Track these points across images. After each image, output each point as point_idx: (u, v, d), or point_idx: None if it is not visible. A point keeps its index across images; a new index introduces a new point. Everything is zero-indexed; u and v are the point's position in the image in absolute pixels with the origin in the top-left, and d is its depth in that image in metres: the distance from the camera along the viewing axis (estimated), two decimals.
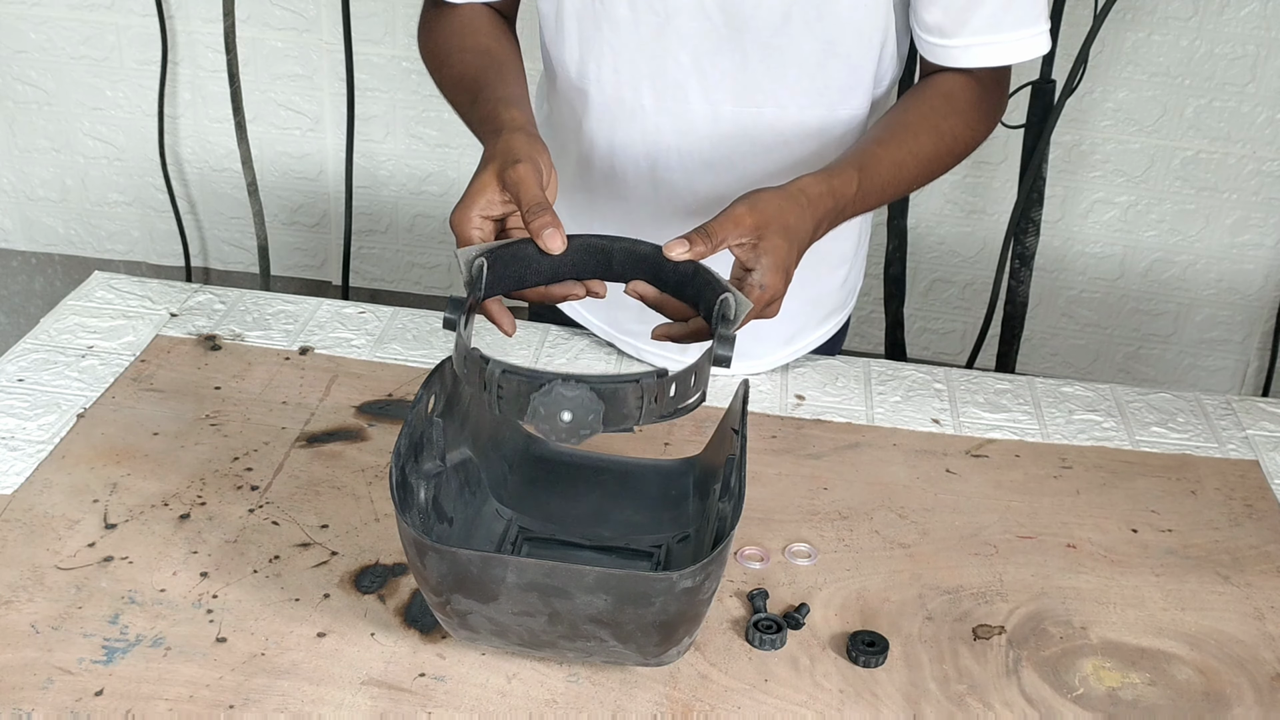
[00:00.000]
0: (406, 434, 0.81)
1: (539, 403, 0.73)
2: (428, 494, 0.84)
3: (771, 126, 1.06)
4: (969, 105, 1.05)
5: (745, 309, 0.83)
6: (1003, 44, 1.02)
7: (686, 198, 1.10)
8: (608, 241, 0.88)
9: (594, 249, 0.88)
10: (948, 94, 1.04)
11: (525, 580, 0.73)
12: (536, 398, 0.73)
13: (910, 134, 1.02)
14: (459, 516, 0.88)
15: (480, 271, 0.84)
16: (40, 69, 2.06)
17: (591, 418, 0.73)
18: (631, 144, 1.08)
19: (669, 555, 0.90)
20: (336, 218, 2.15)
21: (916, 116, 1.03)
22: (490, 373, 0.75)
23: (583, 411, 0.73)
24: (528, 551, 0.90)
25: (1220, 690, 0.85)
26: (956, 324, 2.12)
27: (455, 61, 1.04)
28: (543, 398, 0.73)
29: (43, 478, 0.96)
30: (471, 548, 0.85)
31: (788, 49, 1.01)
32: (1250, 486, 1.07)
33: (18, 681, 0.78)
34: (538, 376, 0.74)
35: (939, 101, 1.04)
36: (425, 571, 0.75)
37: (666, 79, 1.04)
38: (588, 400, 0.73)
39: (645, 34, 1.02)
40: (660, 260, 0.86)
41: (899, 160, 1.00)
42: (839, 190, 0.95)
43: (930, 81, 1.06)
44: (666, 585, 0.73)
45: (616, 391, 0.73)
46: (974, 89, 1.05)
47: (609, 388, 0.73)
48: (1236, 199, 1.94)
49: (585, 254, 0.88)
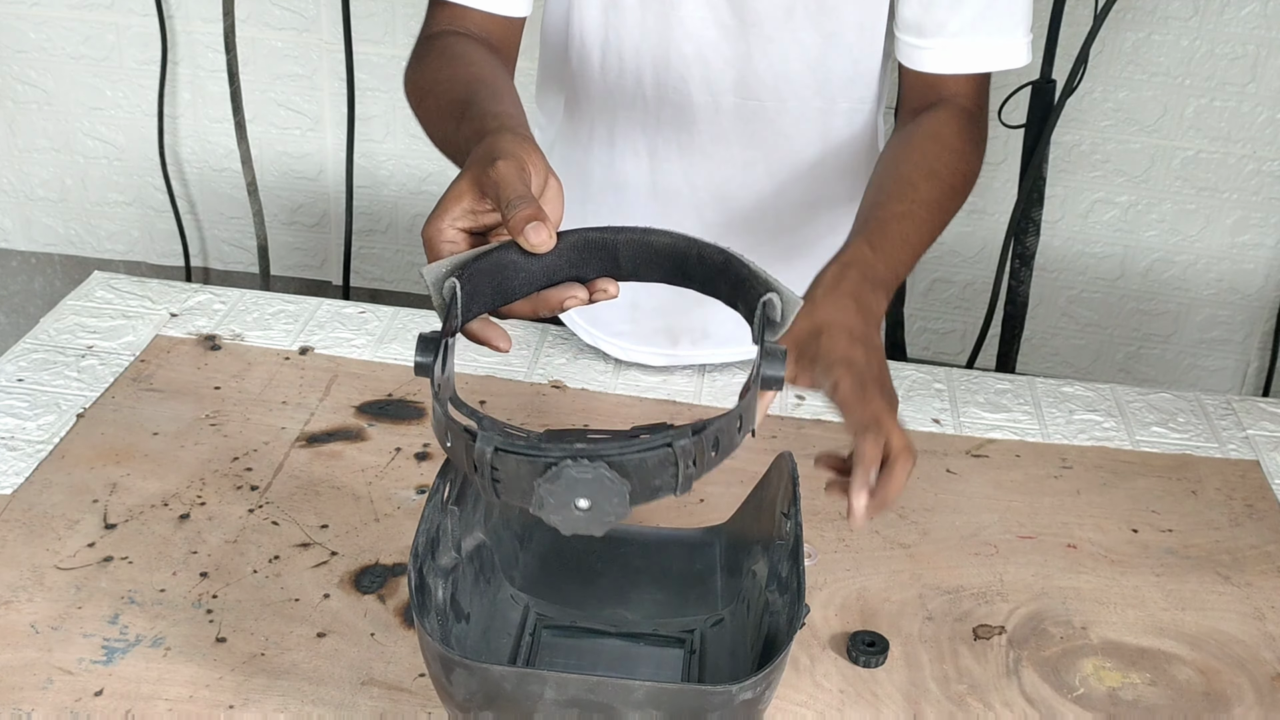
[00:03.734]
0: (424, 530, 0.73)
1: (545, 491, 0.58)
2: (445, 593, 0.76)
3: (772, 120, 1.06)
4: (957, 138, 1.01)
5: (795, 307, 0.68)
6: (980, 50, 1.00)
7: (685, 191, 1.10)
8: (610, 234, 0.72)
9: (594, 244, 0.72)
10: (934, 134, 1.01)
11: (566, 696, 0.65)
12: (542, 484, 0.58)
13: (909, 186, 0.96)
14: (476, 610, 0.80)
15: (453, 295, 0.68)
16: (40, 69, 2.06)
17: (615, 501, 0.59)
18: (631, 135, 1.08)
19: (704, 644, 0.82)
20: (336, 218, 2.14)
21: (909, 168, 0.98)
22: (480, 453, 0.60)
23: (603, 495, 0.58)
24: (547, 641, 0.82)
25: (1221, 690, 0.85)
26: (956, 324, 2.12)
27: (441, 91, 0.90)
28: (549, 484, 0.58)
29: (42, 478, 0.96)
30: (491, 645, 0.79)
31: (790, 42, 1.01)
32: (1251, 486, 1.07)
33: (17, 681, 0.78)
34: (540, 453, 0.58)
35: (928, 144, 1.00)
36: (451, 688, 0.67)
37: (669, 70, 1.04)
38: (607, 481, 0.58)
39: (650, 24, 1.02)
40: (682, 253, 0.71)
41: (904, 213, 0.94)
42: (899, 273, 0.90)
43: (913, 128, 1.02)
44: (724, 699, 0.65)
45: (643, 462, 0.59)
46: (956, 123, 1.02)
47: (633, 459, 0.58)
48: (1237, 199, 1.94)
49: (583, 251, 0.72)
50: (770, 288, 0.67)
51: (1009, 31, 1.00)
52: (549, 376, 1.15)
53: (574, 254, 0.72)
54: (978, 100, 1.05)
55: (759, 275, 0.68)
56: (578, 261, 0.73)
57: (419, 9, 1.13)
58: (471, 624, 0.80)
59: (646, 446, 0.58)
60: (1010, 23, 1.00)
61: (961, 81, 1.03)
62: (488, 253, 0.71)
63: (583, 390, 1.13)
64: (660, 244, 0.72)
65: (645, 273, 0.73)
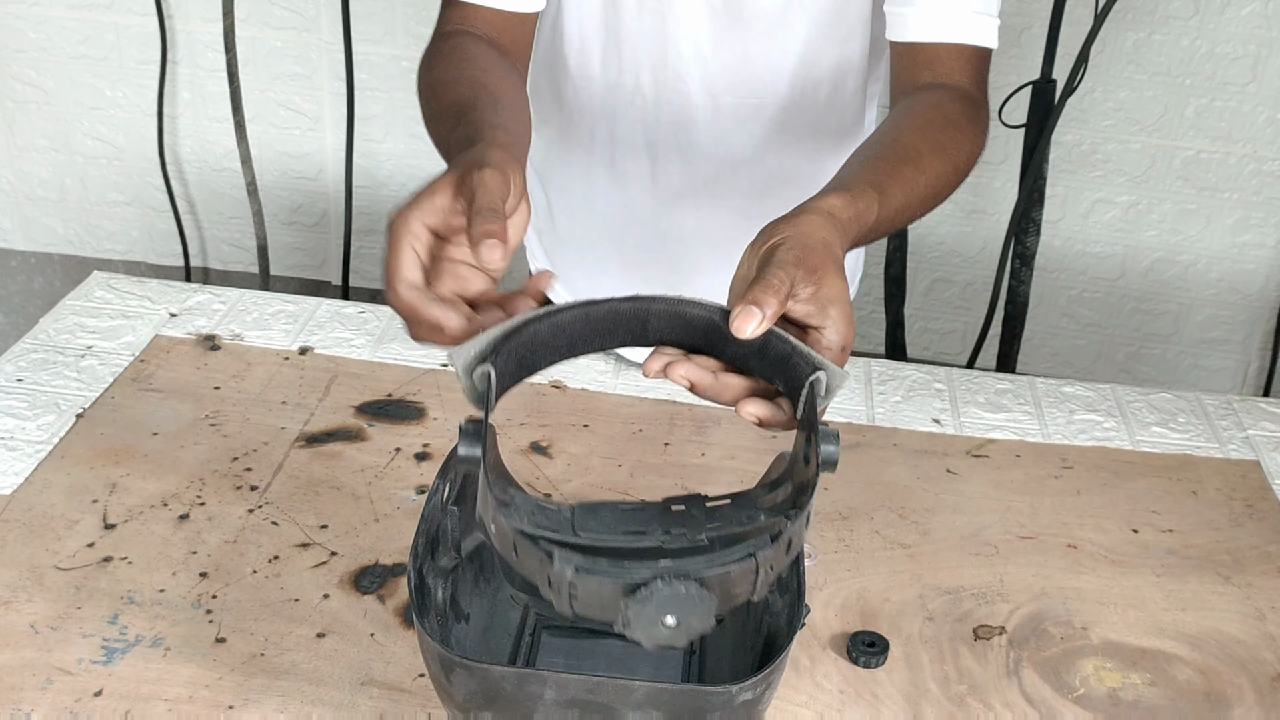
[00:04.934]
0: (423, 530, 0.73)
1: (634, 612, 0.56)
2: (445, 593, 0.76)
3: (771, 116, 1.06)
4: (960, 115, 0.98)
5: (841, 382, 0.65)
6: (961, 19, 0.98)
7: (684, 189, 1.10)
8: (643, 304, 0.69)
9: (624, 315, 0.69)
10: (936, 104, 0.97)
11: (565, 697, 0.65)
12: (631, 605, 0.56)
13: (915, 154, 0.90)
14: (476, 611, 0.80)
15: (488, 384, 0.65)
16: (39, 68, 2.06)
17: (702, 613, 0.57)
18: (632, 135, 1.08)
19: (704, 644, 0.81)
20: (336, 217, 2.14)
21: (915, 135, 0.93)
22: (560, 573, 0.57)
23: (690, 610, 0.56)
24: (547, 641, 0.81)
25: (1221, 691, 0.85)
26: (957, 324, 2.12)
27: (444, 93, 0.90)
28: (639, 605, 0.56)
29: (42, 478, 0.96)
30: (491, 646, 0.78)
31: (787, 38, 1.01)
32: (1251, 486, 1.06)
33: (17, 681, 0.78)
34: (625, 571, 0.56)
35: (933, 114, 0.96)
36: (451, 689, 0.67)
37: (668, 70, 1.04)
38: (696, 596, 0.56)
39: (647, 24, 1.02)
40: (717, 328, 0.68)
41: (912, 181, 0.88)
42: (863, 216, 0.81)
43: (914, 99, 0.99)
44: (725, 699, 0.64)
45: (728, 575, 0.57)
46: (960, 103, 0.99)
47: (718, 574, 0.57)
48: (1237, 199, 1.94)
49: (611, 322, 0.69)
50: (816, 365, 0.65)
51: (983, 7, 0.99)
52: (549, 377, 1.14)
53: (602, 325, 0.70)
54: (977, 83, 1.01)
55: (802, 351, 0.66)
56: (605, 332, 0.70)
57: (419, 9, 1.12)
58: (471, 624, 0.80)
59: (731, 559, 0.57)
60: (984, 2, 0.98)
61: (956, 59, 1.00)
62: (515, 330, 0.68)
63: (583, 390, 1.13)
64: (693, 315, 0.69)
65: (674, 342, 0.71)
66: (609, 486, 1.00)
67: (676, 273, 1.15)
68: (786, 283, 0.68)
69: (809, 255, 0.71)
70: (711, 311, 0.68)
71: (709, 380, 0.69)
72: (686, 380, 0.70)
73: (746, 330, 0.66)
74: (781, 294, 0.68)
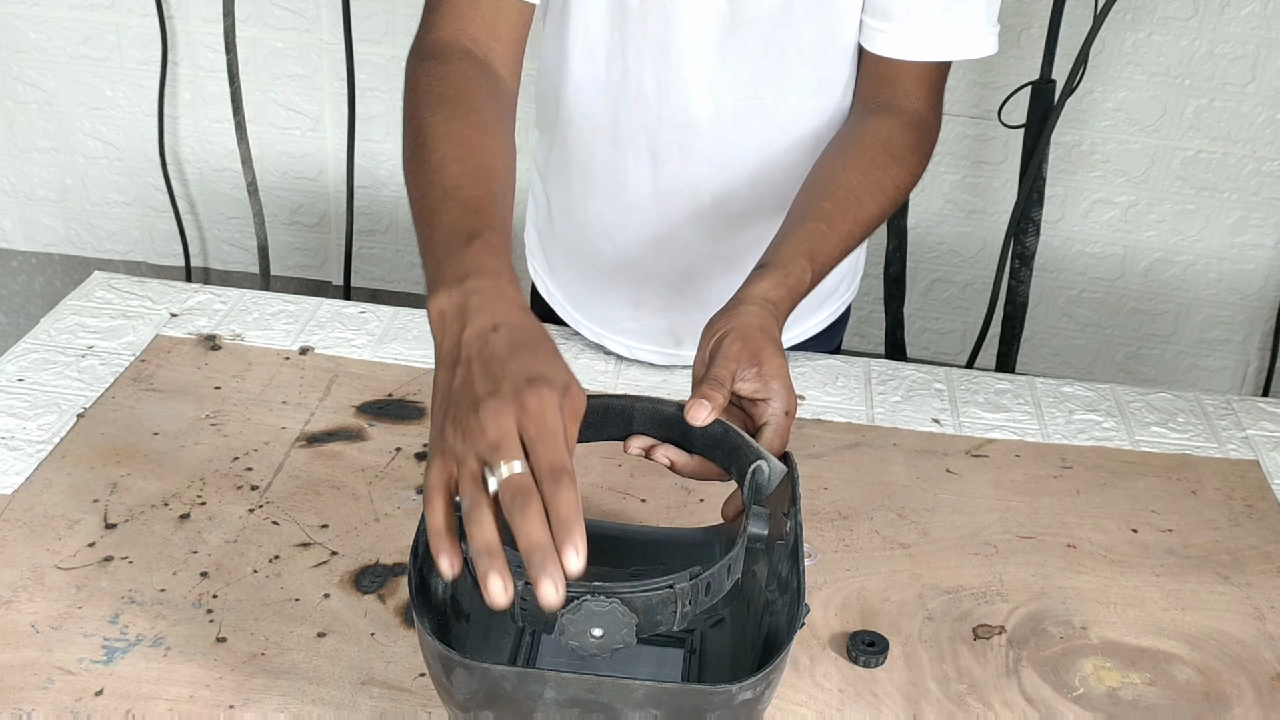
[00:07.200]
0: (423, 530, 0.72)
1: (567, 620, 0.66)
2: (445, 593, 0.77)
3: (773, 118, 1.06)
4: (908, 149, 1.01)
5: (779, 476, 0.79)
6: (939, 36, 1.00)
7: (686, 191, 1.10)
8: (629, 402, 0.83)
9: (614, 410, 0.83)
10: (885, 141, 1.01)
11: (566, 696, 0.66)
12: (565, 615, 0.66)
13: (854, 201, 0.97)
14: (476, 610, 0.80)
15: None
16: (40, 69, 2.06)
17: (624, 631, 0.67)
18: (633, 136, 1.08)
19: (704, 643, 0.82)
20: (337, 218, 2.15)
21: (858, 176, 0.98)
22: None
23: (614, 626, 0.67)
24: (547, 641, 0.82)
25: (1220, 690, 0.85)
26: (956, 324, 2.12)
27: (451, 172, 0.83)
28: (571, 615, 0.66)
29: (43, 478, 0.96)
30: (491, 645, 0.79)
31: (789, 40, 1.01)
32: (1250, 486, 1.07)
33: (18, 681, 0.78)
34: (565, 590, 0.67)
35: (878, 153, 1.00)
36: (451, 688, 0.68)
37: (670, 71, 1.04)
38: (619, 615, 0.67)
39: (651, 26, 1.02)
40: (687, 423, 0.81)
41: (849, 231, 0.96)
42: (796, 288, 0.92)
43: (864, 129, 1.02)
44: (725, 699, 0.66)
45: (649, 601, 0.67)
46: (910, 132, 1.02)
47: (640, 599, 0.67)
48: (1236, 199, 1.94)
49: (603, 415, 0.83)
50: (759, 456, 0.79)
51: (968, 17, 1.00)
52: None
53: (593, 417, 0.82)
54: (931, 102, 1.04)
55: (750, 445, 0.79)
56: (596, 424, 0.82)
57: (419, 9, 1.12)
58: (472, 623, 0.80)
59: (652, 588, 0.67)
60: (971, 9, 1.00)
61: (917, 77, 1.02)
62: None
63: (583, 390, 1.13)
64: (669, 413, 0.82)
65: (654, 435, 0.83)
66: (609, 486, 1.00)
67: (675, 273, 1.15)
68: (729, 375, 0.81)
69: (749, 344, 0.83)
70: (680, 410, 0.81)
71: (685, 459, 0.82)
72: (667, 459, 0.82)
73: (699, 419, 0.79)
74: (726, 386, 0.81)
